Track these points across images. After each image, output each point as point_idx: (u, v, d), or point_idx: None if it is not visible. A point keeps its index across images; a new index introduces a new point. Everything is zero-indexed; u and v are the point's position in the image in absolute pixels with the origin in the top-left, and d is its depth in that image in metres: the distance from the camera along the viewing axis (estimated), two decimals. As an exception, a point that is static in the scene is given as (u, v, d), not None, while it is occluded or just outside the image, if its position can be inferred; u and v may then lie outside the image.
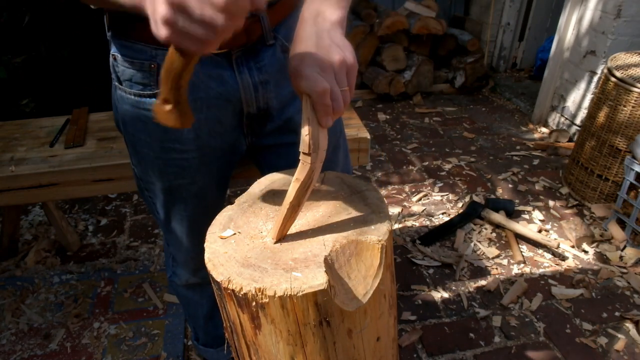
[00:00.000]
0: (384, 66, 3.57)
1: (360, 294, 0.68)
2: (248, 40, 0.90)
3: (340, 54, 0.67)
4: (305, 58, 0.66)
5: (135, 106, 0.94)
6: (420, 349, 1.74)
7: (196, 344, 1.60)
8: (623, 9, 2.55)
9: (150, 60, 0.88)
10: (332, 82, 0.65)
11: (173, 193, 1.04)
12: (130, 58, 0.89)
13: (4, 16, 2.71)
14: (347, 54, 0.68)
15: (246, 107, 0.96)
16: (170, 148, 0.97)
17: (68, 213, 2.47)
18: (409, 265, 2.11)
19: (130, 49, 0.89)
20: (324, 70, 0.65)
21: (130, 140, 1.01)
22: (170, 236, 1.17)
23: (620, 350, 1.72)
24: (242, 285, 0.63)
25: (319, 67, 0.65)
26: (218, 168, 1.05)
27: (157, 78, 0.89)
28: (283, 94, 0.99)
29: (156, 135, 0.95)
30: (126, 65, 0.90)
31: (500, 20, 3.92)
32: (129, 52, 0.89)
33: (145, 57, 0.88)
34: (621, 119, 2.18)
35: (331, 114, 0.66)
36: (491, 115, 3.49)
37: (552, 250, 2.17)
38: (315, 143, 0.65)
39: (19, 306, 1.92)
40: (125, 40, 0.89)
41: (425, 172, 2.79)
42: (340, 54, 0.67)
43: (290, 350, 0.69)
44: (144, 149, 0.99)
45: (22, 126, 1.91)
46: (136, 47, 0.88)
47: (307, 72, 0.64)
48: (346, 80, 0.68)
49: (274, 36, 0.93)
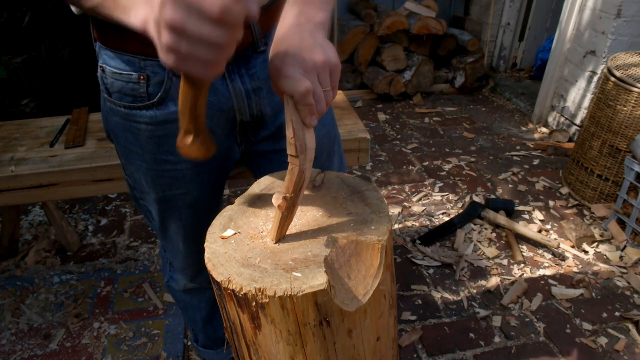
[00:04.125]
0: (384, 66, 3.57)
1: (360, 294, 0.68)
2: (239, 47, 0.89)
3: (323, 53, 0.66)
4: (286, 58, 0.65)
5: (125, 118, 0.92)
6: (420, 349, 1.74)
7: (196, 345, 1.60)
8: (623, 9, 2.55)
9: (139, 71, 0.86)
10: (314, 82, 0.64)
11: (167, 203, 1.03)
12: (119, 70, 0.87)
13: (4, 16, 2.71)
14: (330, 54, 0.67)
15: (239, 115, 0.95)
16: (163, 160, 0.95)
17: (68, 213, 2.47)
18: (409, 265, 2.11)
19: (119, 60, 0.87)
20: (306, 71, 0.64)
21: (122, 152, 1.00)
22: (166, 243, 1.16)
23: (620, 350, 1.72)
24: (242, 285, 0.63)
25: (301, 67, 0.64)
26: (212, 177, 1.03)
27: (147, 89, 0.88)
28: (276, 100, 0.97)
29: (148, 147, 0.94)
30: (115, 77, 0.88)
31: (500, 20, 3.92)
32: (117, 64, 0.87)
33: (134, 69, 0.86)
34: (621, 119, 2.18)
35: (315, 113, 0.65)
36: (491, 115, 3.49)
37: (552, 250, 2.17)
38: (302, 144, 0.64)
39: (19, 306, 1.92)
40: (113, 50, 0.87)
41: (425, 172, 2.79)
42: (323, 54, 0.66)
43: (290, 350, 0.69)
44: (136, 161, 0.98)
45: (22, 126, 1.91)
46: (124, 58, 0.86)
47: (288, 72, 0.63)
48: (329, 81, 0.67)
49: (265, 42, 0.91)
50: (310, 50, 0.65)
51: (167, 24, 0.54)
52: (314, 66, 0.65)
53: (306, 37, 0.67)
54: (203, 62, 0.55)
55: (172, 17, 0.53)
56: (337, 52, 0.69)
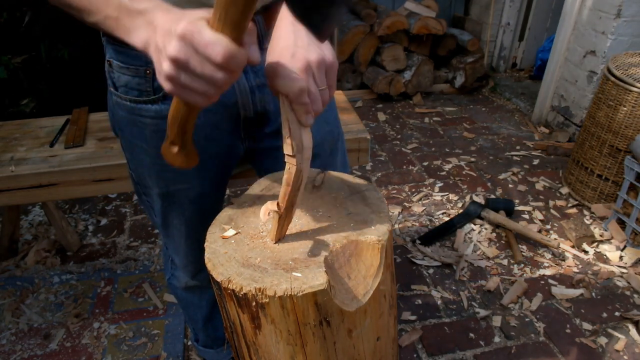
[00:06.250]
0: (384, 66, 3.57)
1: (360, 294, 0.68)
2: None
3: (319, 52, 0.66)
4: (282, 57, 0.65)
5: (131, 112, 0.93)
6: (420, 349, 1.74)
7: (196, 344, 1.60)
8: (623, 9, 2.55)
9: (145, 66, 0.87)
10: (310, 81, 0.64)
11: (171, 198, 1.03)
12: (126, 64, 0.88)
13: (4, 16, 2.71)
14: (326, 53, 0.67)
15: (243, 112, 0.95)
16: None
17: (68, 213, 2.47)
18: (409, 265, 2.11)
19: (126, 55, 0.88)
20: (301, 70, 0.64)
21: (127, 146, 1.00)
22: (168, 240, 1.17)
23: (620, 350, 1.72)
24: (242, 285, 0.63)
25: (296, 66, 0.64)
26: (215, 173, 1.04)
27: (152, 84, 0.88)
28: None
29: (153, 141, 0.94)
30: (121, 72, 0.89)
31: (500, 20, 3.92)
32: (124, 58, 0.88)
33: (140, 63, 0.87)
34: (621, 119, 2.18)
35: (311, 112, 0.65)
36: (491, 115, 3.49)
37: (552, 250, 2.17)
38: (298, 144, 0.64)
39: (19, 306, 1.92)
40: (120, 45, 0.88)
41: (425, 172, 2.79)
42: (319, 53, 0.66)
43: (290, 350, 0.69)
44: (140, 155, 0.98)
45: (22, 126, 1.91)
46: (131, 53, 0.86)
47: (284, 71, 0.63)
48: (325, 80, 0.67)
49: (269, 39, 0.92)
50: (306, 49, 0.65)
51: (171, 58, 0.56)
52: (309, 65, 0.65)
53: (302, 36, 0.67)
54: (199, 94, 0.58)
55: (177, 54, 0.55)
56: (337, 52, 0.69)
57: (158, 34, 0.58)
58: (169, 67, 0.56)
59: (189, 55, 0.55)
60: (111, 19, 0.66)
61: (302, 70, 0.64)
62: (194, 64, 0.55)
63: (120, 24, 0.65)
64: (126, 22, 0.64)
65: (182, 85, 0.57)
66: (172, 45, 0.55)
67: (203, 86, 0.57)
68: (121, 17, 0.64)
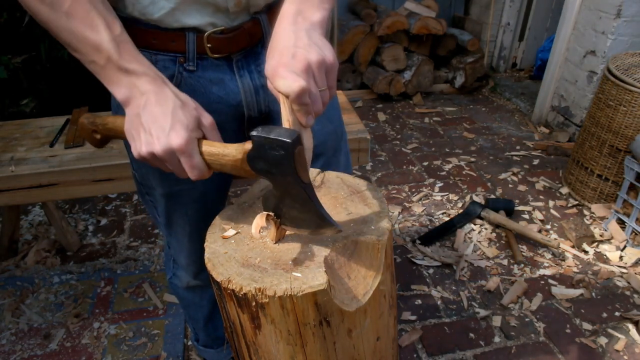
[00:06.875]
0: (384, 66, 3.57)
1: (360, 294, 0.68)
2: (248, 44, 0.89)
3: (319, 53, 0.65)
4: (282, 58, 0.65)
5: None
6: (420, 349, 1.74)
7: (196, 344, 1.60)
8: (623, 9, 2.55)
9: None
10: (310, 82, 0.64)
11: (174, 198, 1.04)
12: None
13: (4, 16, 2.71)
14: (327, 53, 0.66)
15: (247, 111, 0.95)
16: None
17: (68, 213, 2.47)
18: (409, 265, 2.11)
19: None
20: (301, 70, 0.64)
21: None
22: (171, 239, 1.17)
23: (620, 350, 1.72)
24: (242, 285, 0.63)
25: (297, 66, 0.64)
26: (218, 172, 1.04)
27: None
28: None
29: None
30: None
31: (500, 20, 3.92)
32: None
33: None
34: (621, 119, 2.18)
35: (311, 112, 0.65)
36: (491, 115, 3.49)
37: (552, 250, 2.17)
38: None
39: (19, 306, 1.92)
40: None
41: (425, 172, 2.79)
42: (319, 53, 0.65)
43: (290, 350, 0.69)
44: None
45: (22, 126, 1.91)
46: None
47: (284, 72, 0.63)
48: (325, 80, 0.67)
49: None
50: (306, 50, 0.65)
51: (155, 153, 0.66)
52: (310, 66, 0.65)
53: (302, 37, 0.67)
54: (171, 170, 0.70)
55: (163, 154, 0.66)
56: (337, 52, 0.70)
57: (146, 117, 0.66)
58: (148, 155, 0.66)
59: (172, 159, 0.65)
60: (97, 65, 0.69)
61: (302, 70, 0.64)
62: (171, 163, 0.67)
63: (106, 73, 0.69)
64: (112, 75, 0.68)
65: (156, 164, 0.68)
66: (161, 146, 0.64)
67: (175, 171, 0.68)
68: (108, 68, 0.69)
